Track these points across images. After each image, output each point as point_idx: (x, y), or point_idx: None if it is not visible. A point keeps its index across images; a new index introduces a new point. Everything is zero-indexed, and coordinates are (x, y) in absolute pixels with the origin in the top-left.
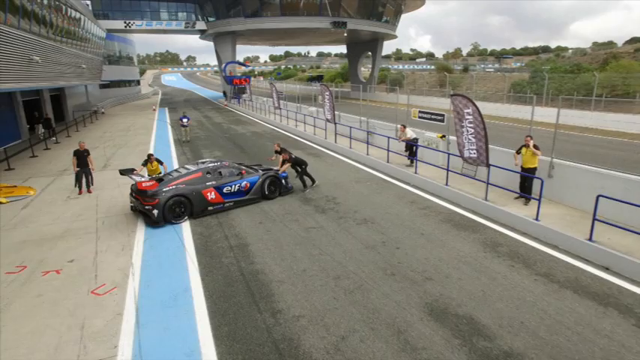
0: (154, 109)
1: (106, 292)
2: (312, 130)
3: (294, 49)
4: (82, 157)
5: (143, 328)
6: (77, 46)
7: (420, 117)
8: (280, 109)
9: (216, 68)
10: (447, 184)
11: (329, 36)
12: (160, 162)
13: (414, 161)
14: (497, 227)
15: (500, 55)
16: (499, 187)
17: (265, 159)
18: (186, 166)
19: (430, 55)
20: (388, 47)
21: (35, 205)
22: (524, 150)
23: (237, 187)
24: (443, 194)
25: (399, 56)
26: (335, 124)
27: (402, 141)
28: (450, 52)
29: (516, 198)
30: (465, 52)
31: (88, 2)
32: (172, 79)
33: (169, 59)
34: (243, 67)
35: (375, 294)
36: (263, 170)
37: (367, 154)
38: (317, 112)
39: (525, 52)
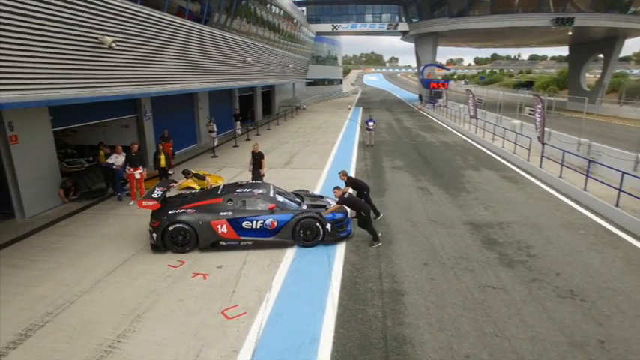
0: (349, 108)
1: (234, 317)
2: (512, 148)
3: (502, 52)
4: (254, 160)
5: None
6: (289, 48)
7: None
8: (477, 118)
9: (416, 70)
10: None
11: (546, 36)
12: (198, 177)
13: None
14: None
15: None
16: None
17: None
18: (218, 188)
19: None
20: (628, 47)
21: None
22: None
23: (259, 224)
24: None
25: None
26: (543, 144)
27: None
28: None
29: None
30: None
31: (304, 8)
32: (374, 78)
33: (373, 60)
34: (444, 70)
35: None
36: (311, 207)
37: (584, 190)
38: (521, 126)
39: None
